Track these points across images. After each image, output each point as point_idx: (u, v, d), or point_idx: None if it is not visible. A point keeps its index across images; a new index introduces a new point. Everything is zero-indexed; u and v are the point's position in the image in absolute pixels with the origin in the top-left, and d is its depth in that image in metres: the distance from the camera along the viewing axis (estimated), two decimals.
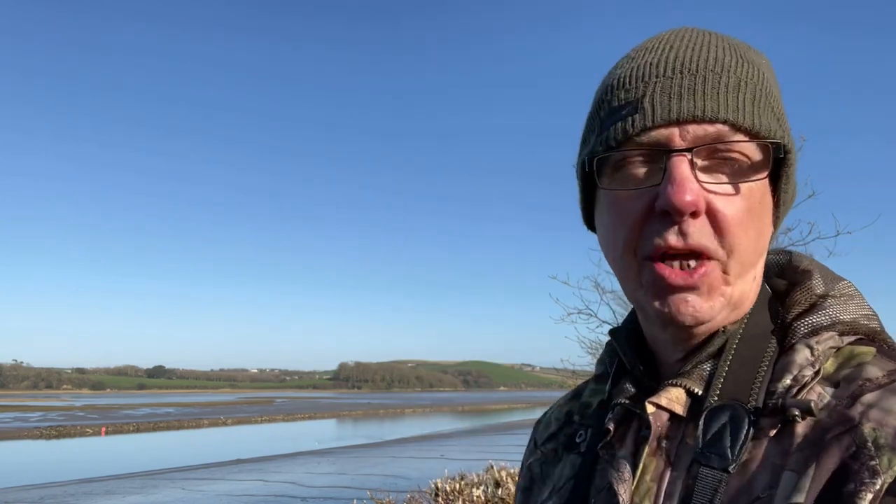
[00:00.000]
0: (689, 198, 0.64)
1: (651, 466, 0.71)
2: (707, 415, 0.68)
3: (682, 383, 0.71)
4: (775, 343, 0.71)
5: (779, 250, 0.82)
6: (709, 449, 0.66)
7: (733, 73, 0.67)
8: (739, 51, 0.71)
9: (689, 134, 0.66)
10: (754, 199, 0.67)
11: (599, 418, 0.81)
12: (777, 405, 0.66)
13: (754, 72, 0.69)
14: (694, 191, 0.64)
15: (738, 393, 0.68)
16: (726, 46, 0.71)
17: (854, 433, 0.61)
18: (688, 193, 0.64)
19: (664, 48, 0.71)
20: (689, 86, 0.66)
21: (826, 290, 0.74)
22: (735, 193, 0.66)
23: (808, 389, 0.66)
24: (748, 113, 0.66)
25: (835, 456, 0.61)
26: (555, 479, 0.84)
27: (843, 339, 0.70)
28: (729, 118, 0.65)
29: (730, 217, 0.66)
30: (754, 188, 0.67)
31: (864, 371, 0.66)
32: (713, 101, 0.66)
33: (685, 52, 0.69)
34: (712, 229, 0.66)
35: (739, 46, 0.72)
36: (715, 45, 0.71)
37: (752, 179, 0.67)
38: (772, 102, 0.69)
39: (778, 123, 0.69)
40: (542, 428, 0.95)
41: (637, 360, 0.78)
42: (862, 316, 0.72)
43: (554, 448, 0.89)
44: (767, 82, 0.70)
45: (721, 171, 0.67)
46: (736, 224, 0.66)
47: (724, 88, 0.66)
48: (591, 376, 0.94)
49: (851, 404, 0.63)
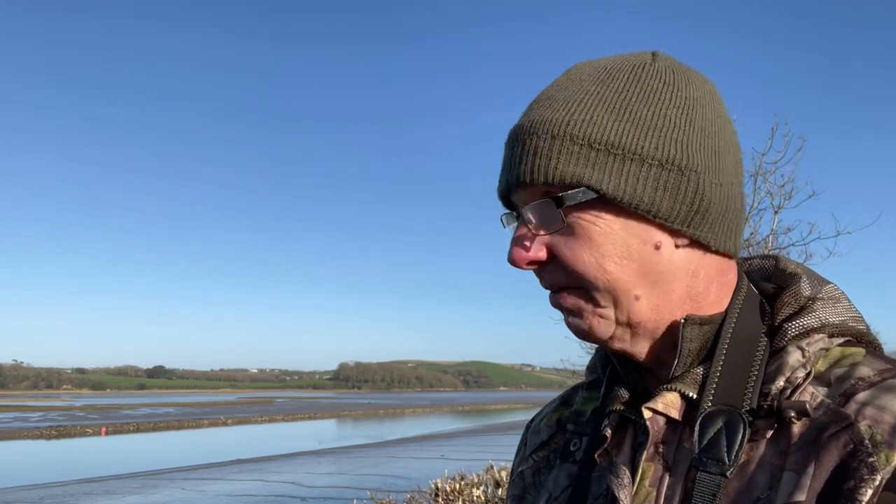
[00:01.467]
0: (517, 255, 0.74)
1: (649, 472, 0.72)
2: (703, 419, 0.69)
3: (676, 388, 0.73)
4: (766, 345, 0.73)
5: (765, 255, 0.84)
6: (706, 454, 0.68)
7: (537, 133, 0.72)
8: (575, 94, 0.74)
9: (522, 196, 0.75)
10: (589, 234, 0.71)
11: (594, 426, 0.82)
12: (772, 407, 0.67)
13: (565, 120, 0.72)
14: (525, 246, 0.73)
15: (732, 396, 0.70)
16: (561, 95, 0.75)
17: (850, 431, 0.63)
18: (515, 251, 0.74)
19: (527, 109, 0.78)
20: (517, 154, 0.74)
21: (813, 292, 0.75)
22: (571, 237, 0.72)
23: (802, 390, 0.68)
24: (541, 171, 0.71)
25: (833, 454, 0.63)
26: (550, 488, 0.84)
27: (832, 340, 0.72)
28: (526, 180, 0.72)
29: (565, 257, 0.72)
30: (586, 225, 0.71)
31: (855, 370, 0.68)
32: (519, 168, 0.73)
33: (526, 116, 0.76)
34: (560, 269, 0.73)
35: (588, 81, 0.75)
36: (552, 99, 0.75)
37: (555, 229, 0.72)
38: (583, 143, 0.71)
39: (587, 163, 0.70)
40: (532, 435, 0.96)
41: (630, 366, 0.79)
42: (850, 318, 0.74)
43: (546, 455, 0.89)
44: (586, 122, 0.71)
45: (546, 219, 0.73)
46: (573, 261, 0.72)
47: (528, 153, 0.72)
48: (581, 383, 0.94)
49: (845, 403, 0.65)
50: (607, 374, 0.85)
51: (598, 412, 0.84)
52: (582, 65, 0.79)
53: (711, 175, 0.73)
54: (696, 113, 0.74)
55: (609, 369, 0.85)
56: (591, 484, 0.78)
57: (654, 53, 0.78)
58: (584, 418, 0.86)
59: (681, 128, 0.72)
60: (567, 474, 0.83)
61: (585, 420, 0.86)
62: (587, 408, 0.87)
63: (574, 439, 0.85)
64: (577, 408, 0.89)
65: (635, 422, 0.76)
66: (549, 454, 0.89)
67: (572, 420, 0.88)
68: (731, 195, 0.75)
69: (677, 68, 0.77)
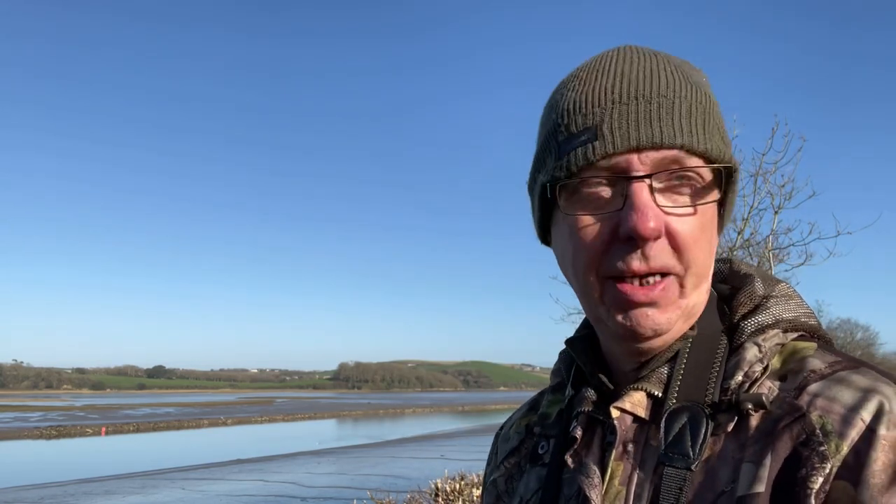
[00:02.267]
0: (652, 224, 0.68)
1: (618, 470, 0.73)
2: (668, 416, 0.72)
3: (642, 387, 0.75)
4: (726, 343, 0.76)
5: (720, 258, 0.86)
6: (671, 449, 0.70)
7: (683, 98, 0.71)
8: (684, 73, 0.74)
9: (647, 160, 0.69)
10: (706, 216, 0.73)
11: (560, 428, 0.83)
12: (731, 401, 0.70)
13: (701, 95, 0.73)
14: (656, 217, 0.69)
15: (695, 392, 0.72)
16: (673, 69, 0.74)
17: (803, 421, 0.66)
18: (651, 220, 0.68)
19: (616, 71, 0.73)
20: (645, 112, 0.70)
21: (767, 291, 0.79)
22: (691, 213, 0.71)
23: (759, 384, 0.71)
24: (700, 138, 0.70)
25: (786, 444, 0.65)
26: (521, 493, 0.85)
27: (786, 335, 0.76)
28: (684, 143, 0.69)
29: (687, 236, 0.70)
30: (706, 206, 0.72)
31: (807, 363, 0.71)
32: (668, 127, 0.69)
33: (637, 76, 0.72)
34: (671, 249, 0.71)
35: (683, 68, 0.76)
36: (663, 68, 0.74)
37: (706, 201, 0.72)
38: (718, 124, 0.74)
39: (725, 145, 0.74)
40: (502, 442, 0.96)
41: (595, 368, 0.81)
42: (802, 314, 0.78)
43: (517, 462, 0.90)
44: (713, 104, 0.74)
45: (678, 192, 0.71)
46: (692, 242, 0.71)
47: (677, 114, 0.70)
48: (547, 388, 0.95)
49: (798, 395, 0.68)
50: (571, 375, 0.87)
51: (563, 414, 0.85)
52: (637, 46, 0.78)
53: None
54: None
55: (574, 370, 0.87)
56: (562, 486, 0.79)
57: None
58: (549, 421, 0.87)
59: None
60: (537, 477, 0.83)
61: (551, 422, 0.86)
62: (552, 410, 0.88)
63: (541, 442, 0.86)
64: (543, 411, 0.90)
65: (603, 422, 0.77)
66: (519, 460, 0.90)
67: (538, 423, 0.89)
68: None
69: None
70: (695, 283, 0.73)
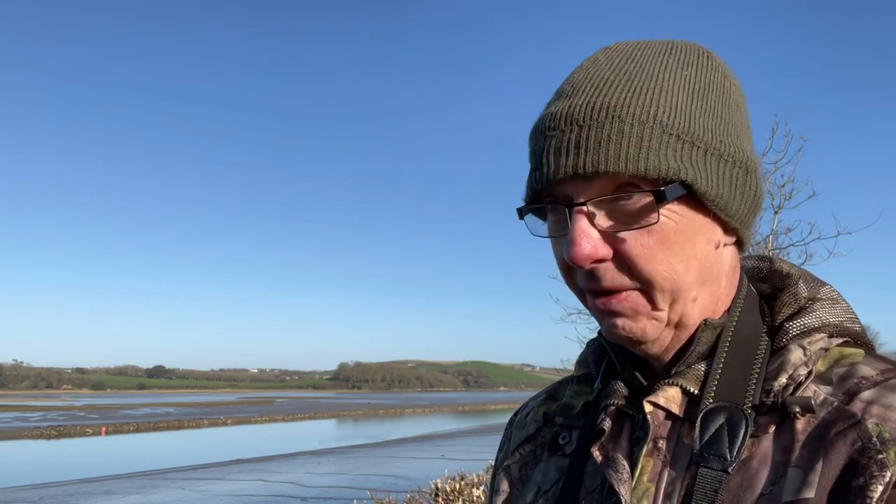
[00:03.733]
0: (587, 251, 0.67)
1: (648, 467, 0.71)
2: (704, 415, 0.69)
3: (678, 382, 0.73)
4: (767, 343, 0.73)
5: (760, 256, 0.84)
6: (707, 450, 0.67)
7: (619, 117, 0.67)
8: (641, 80, 0.69)
9: (581, 188, 0.68)
10: (667, 230, 0.68)
11: (586, 420, 0.81)
12: (775, 403, 0.68)
13: (652, 105, 0.67)
14: (591, 242, 0.67)
15: (734, 392, 0.70)
16: (625, 81, 0.69)
17: (858, 429, 0.63)
18: (585, 247, 0.67)
19: (567, 93, 0.71)
20: (574, 140, 0.67)
21: (812, 293, 0.76)
22: (642, 231, 0.68)
23: (804, 388, 0.69)
24: (631, 160, 0.65)
25: (842, 451, 0.63)
26: (538, 482, 0.83)
27: (831, 340, 0.73)
28: (609, 170, 0.66)
29: (636, 256, 0.68)
30: (664, 222, 0.68)
31: (857, 370, 0.69)
32: (594, 154, 0.66)
33: (581, 97, 0.69)
34: (624, 268, 0.69)
35: (650, 69, 0.71)
36: (614, 81, 0.69)
37: (642, 225, 0.67)
38: (672, 133, 0.67)
39: (676, 156, 0.67)
40: (517, 429, 0.94)
41: (629, 361, 0.78)
42: (847, 319, 0.75)
43: (532, 449, 0.88)
44: (670, 110, 0.68)
45: (622, 213, 0.68)
46: (645, 260, 0.68)
47: (606, 139, 0.66)
48: (568, 377, 0.93)
49: (850, 401, 0.66)
50: (602, 368, 0.84)
51: (589, 406, 0.83)
52: (623, 45, 0.75)
53: (760, 174, 0.74)
54: (744, 112, 0.76)
55: (605, 363, 0.84)
56: (584, 478, 0.77)
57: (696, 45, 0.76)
58: (573, 412, 0.85)
59: (742, 127, 0.73)
60: (556, 468, 0.81)
61: (576, 413, 0.84)
62: (577, 401, 0.86)
63: (563, 433, 0.84)
64: (567, 401, 0.87)
65: (632, 416, 0.75)
66: (535, 448, 0.88)
67: (561, 413, 0.87)
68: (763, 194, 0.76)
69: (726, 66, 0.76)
70: (668, 298, 0.70)
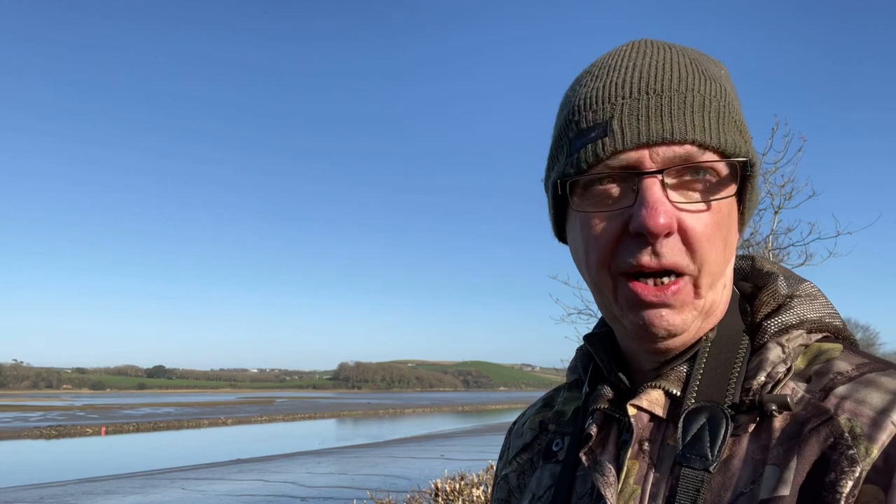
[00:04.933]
0: (662, 220, 0.66)
1: (634, 469, 0.72)
2: (686, 416, 0.70)
3: (660, 385, 0.74)
4: (747, 342, 0.74)
5: (742, 255, 0.84)
6: (689, 450, 0.68)
7: (697, 91, 0.69)
8: (700, 66, 0.72)
9: (658, 155, 0.68)
10: (722, 213, 0.70)
11: (576, 425, 0.82)
12: (754, 401, 0.68)
13: (717, 88, 0.71)
14: (667, 213, 0.67)
15: (715, 392, 0.71)
16: (687, 63, 0.72)
17: (831, 424, 0.64)
18: (662, 216, 0.66)
19: (628, 67, 0.72)
20: (655, 107, 0.68)
21: (791, 290, 0.77)
22: (705, 210, 0.69)
23: (783, 385, 0.69)
24: (714, 132, 0.68)
25: (814, 447, 0.63)
26: (533, 489, 0.84)
27: (810, 336, 0.74)
28: (696, 138, 0.67)
29: (700, 233, 0.68)
30: (722, 202, 0.70)
31: (833, 365, 0.70)
32: (680, 122, 0.67)
33: (649, 71, 0.70)
34: (684, 246, 0.69)
35: (699, 61, 0.74)
36: (677, 62, 0.72)
37: (721, 197, 0.69)
38: (735, 117, 0.71)
39: (742, 138, 0.71)
40: (515, 438, 0.96)
41: (613, 365, 0.79)
42: (826, 314, 0.76)
43: (530, 458, 0.89)
44: (729, 97, 0.72)
45: (691, 188, 0.69)
46: (706, 239, 0.69)
47: (689, 108, 0.68)
48: (562, 384, 0.94)
49: (825, 397, 0.67)
50: (589, 373, 0.85)
51: (579, 411, 0.84)
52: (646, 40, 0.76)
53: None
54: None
55: (591, 368, 0.85)
56: (575, 483, 0.78)
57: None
58: (565, 418, 0.86)
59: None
60: (550, 474, 0.83)
61: (567, 420, 0.86)
62: (568, 408, 0.87)
63: (556, 439, 0.85)
64: (559, 408, 0.89)
65: (619, 420, 0.76)
66: (532, 456, 0.89)
67: (554, 420, 0.88)
68: None
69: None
70: (710, 283, 0.71)
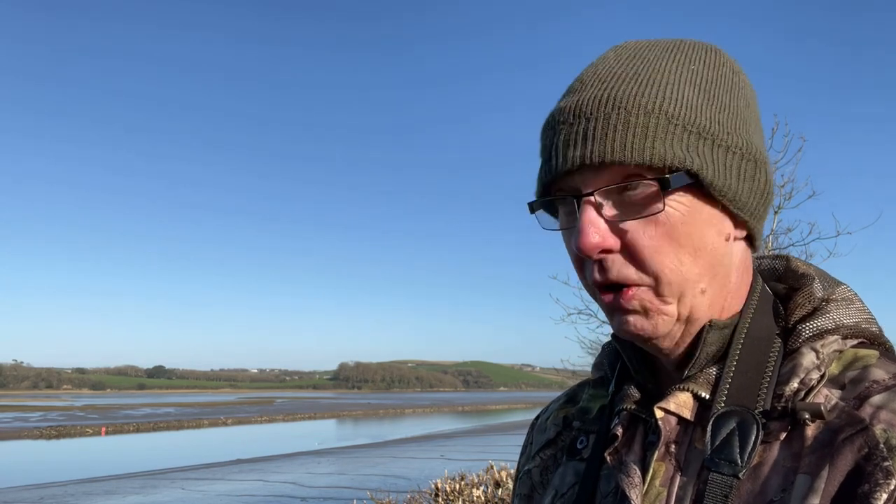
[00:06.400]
0: (592, 241, 0.67)
1: (660, 471, 0.71)
2: (715, 420, 0.69)
3: (689, 388, 0.72)
4: (780, 346, 0.72)
5: (776, 255, 0.83)
6: (718, 455, 0.67)
7: (625, 108, 0.67)
8: (653, 74, 0.70)
9: (589, 179, 0.69)
10: (673, 222, 0.68)
11: (601, 424, 0.82)
12: (786, 408, 0.67)
13: (662, 97, 0.68)
14: (599, 232, 0.67)
15: (746, 397, 0.69)
16: (636, 73, 0.70)
17: (865, 434, 0.62)
18: (590, 237, 0.67)
19: (578, 88, 0.72)
20: (582, 132, 0.68)
21: (827, 294, 0.75)
22: (649, 222, 0.68)
23: (816, 392, 0.68)
24: (636, 149, 0.66)
25: (847, 458, 0.62)
26: (556, 485, 0.84)
27: (846, 342, 0.72)
28: (615, 159, 0.66)
29: (644, 246, 0.68)
30: (671, 212, 0.68)
31: (869, 373, 0.68)
32: (601, 144, 0.67)
33: (589, 91, 0.70)
34: (631, 260, 0.69)
35: (659, 65, 0.71)
36: (623, 75, 0.70)
37: (648, 214, 0.67)
38: (678, 123, 0.68)
39: (682, 145, 0.67)
40: (538, 433, 0.95)
41: (641, 365, 0.78)
42: (863, 320, 0.74)
43: (553, 454, 0.89)
44: (678, 102, 0.68)
45: (627, 204, 0.68)
46: (652, 252, 0.68)
47: (612, 129, 0.67)
48: (586, 380, 0.94)
49: (860, 406, 0.65)
50: (616, 371, 0.84)
51: (605, 410, 0.83)
52: (632, 43, 0.76)
53: (770, 168, 0.74)
54: (754, 107, 0.75)
55: (619, 367, 0.84)
56: (599, 482, 0.77)
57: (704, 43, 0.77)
58: (590, 416, 0.85)
59: (751, 121, 0.73)
60: (574, 472, 0.82)
61: (592, 417, 0.85)
62: (593, 405, 0.86)
63: (580, 437, 0.85)
64: (584, 405, 0.88)
65: (646, 421, 0.75)
66: (555, 452, 0.89)
67: (578, 417, 0.87)
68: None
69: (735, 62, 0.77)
70: (675, 291, 0.69)
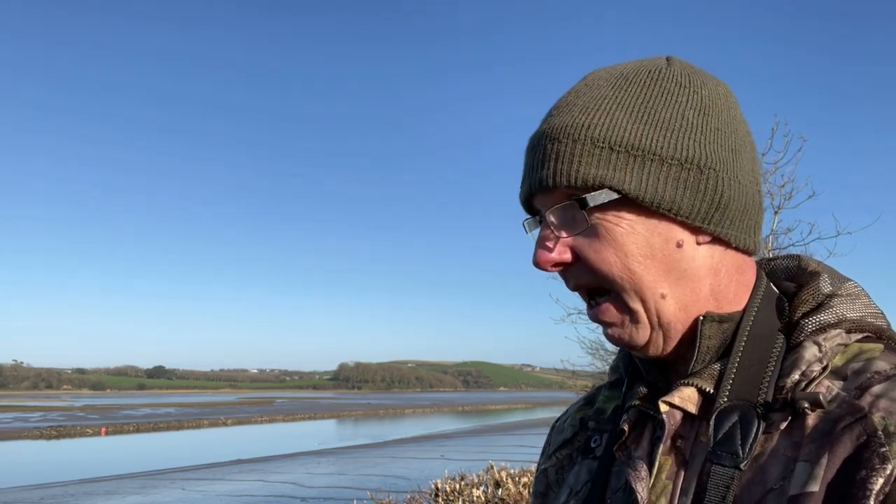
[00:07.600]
0: (542, 256, 0.76)
1: (666, 465, 0.75)
2: (718, 413, 0.72)
3: (693, 382, 0.75)
4: (783, 341, 0.75)
5: (789, 255, 0.86)
6: (720, 447, 0.70)
7: (557, 139, 0.75)
8: (589, 100, 0.77)
9: (544, 200, 0.77)
10: (616, 234, 0.74)
11: (615, 423, 0.85)
12: (786, 399, 0.69)
13: (586, 125, 0.74)
14: (549, 248, 0.76)
15: (748, 390, 0.72)
16: (584, 104, 0.77)
17: (864, 422, 0.65)
18: (542, 251, 0.76)
19: (546, 116, 0.80)
20: (539, 158, 0.76)
21: (833, 289, 0.77)
22: (595, 238, 0.75)
23: (817, 383, 0.70)
24: (563, 174, 0.73)
25: (846, 445, 0.64)
26: (571, 483, 0.88)
27: (850, 336, 0.74)
28: (549, 184, 0.74)
29: (590, 259, 0.75)
30: (608, 227, 0.74)
31: (872, 365, 0.70)
32: (547, 170, 0.75)
33: (548, 121, 0.78)
34: (585, 270, 0.76)
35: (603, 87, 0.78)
36: (572, 106, 0.77)
37: (581, 230, 0.75)
38: (604, 146, 0.73)
39: (609, 166, 0.73)
40: (556, 434, 0.99)
41: (652, 364, 0.82)
42: (868, 314, 0.76)
43: (569, 453, 0.93)
44: (606, 126, 0.74)
45: (572, 222, 0.75)
46: (600, 263, 0.74)
47: (554, 157, 0.74)
48: (605, 383, 0.97)
49: (860, 395, 0.67)
50: (629, 372, 0.88)
51: (619, 410, 0.86)
52: (598, 71, 0.82)
53: (730, 173, 0.75)
54: (712, 113, 0.77)
55: (631, 368, 0.88)
56: (610, 478, 0.80)
57: (668, 58, 0.81)
58: (605, 416, 0.89)
59: (698, 128, 0.75)
60: (588, 470, 0.85)
61: (606, 418, 0.88)
62: (609, 406, 0.90)
63: (595, 436, 0.88)
64: (599, 406, 0.91)
65: (654, 417, 0.78)
66: (571, 452, 0.92)
67: (594, 418, 0.91)
68: (749, 192, 0.77)
69: (692, 71, 0.79)
70: (634, 297, 0.75)
